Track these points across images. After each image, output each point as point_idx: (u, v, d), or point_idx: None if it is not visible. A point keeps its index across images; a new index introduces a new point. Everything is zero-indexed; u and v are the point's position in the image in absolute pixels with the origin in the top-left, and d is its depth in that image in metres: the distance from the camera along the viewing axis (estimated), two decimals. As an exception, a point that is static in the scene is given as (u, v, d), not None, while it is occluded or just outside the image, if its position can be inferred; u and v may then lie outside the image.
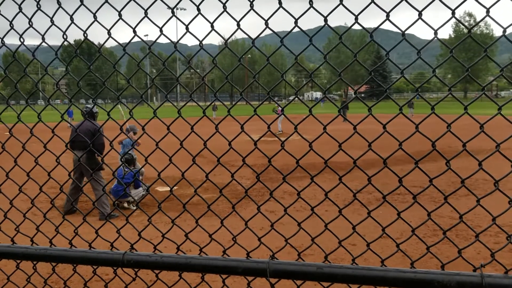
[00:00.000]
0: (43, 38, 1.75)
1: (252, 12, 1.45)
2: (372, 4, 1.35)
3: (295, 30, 1.45)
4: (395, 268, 1.43)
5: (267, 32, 1.48)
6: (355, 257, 1.60)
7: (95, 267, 1.89)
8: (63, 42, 1.67)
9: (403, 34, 1.33)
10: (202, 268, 1.59)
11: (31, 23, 1.71)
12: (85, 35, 1.68)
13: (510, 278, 1.31)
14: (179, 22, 1.57)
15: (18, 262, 1.92)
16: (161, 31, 1.58)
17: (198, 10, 1.50)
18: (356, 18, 1.36)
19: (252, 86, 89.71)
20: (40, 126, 1.85)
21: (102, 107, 1.93)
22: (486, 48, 1.28)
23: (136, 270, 1.74)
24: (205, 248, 1.74)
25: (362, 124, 1.61)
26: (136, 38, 1.64)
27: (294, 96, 1.63)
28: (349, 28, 1.52)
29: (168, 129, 1.64)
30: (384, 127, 1.42)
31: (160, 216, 6.37)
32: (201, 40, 1.57)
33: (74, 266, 1.89)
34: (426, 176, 1.50)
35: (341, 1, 1.39)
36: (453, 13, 1.29)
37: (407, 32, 1.33)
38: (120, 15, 1.59)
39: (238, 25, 1.51)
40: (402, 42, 1.39)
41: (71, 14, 1.64)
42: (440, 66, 2.05)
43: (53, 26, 1.70)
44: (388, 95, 1.46)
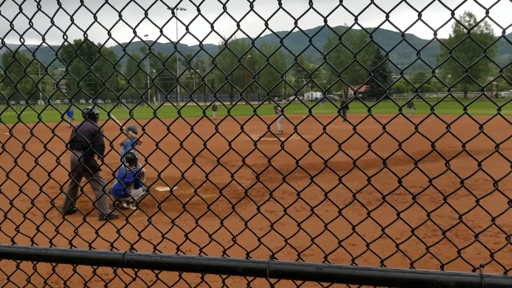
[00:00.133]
0: (43, 38, 1.75)
1: (252, 12, 1.45)
2: (372, 5, 1.36)
3: (295, 30, 1.45)
4: (394, 268, 1.43)
5: (267, 32, 1.48)
6: (355, 257, 1.60)
7: (95, 267, 1.89)
8: (63, 43, 1.67)
9: (402, 34, 1.33)
10: (202, 268, 1.60)
11: (31, 23, 1.71)
12: (85, 36, 1.68)
13: (509, 278, 1.31)
14: (179, 22, 1.58)
15: (18, 262, 1.92)
16: (161, 31, 1.58)
17: (198, 10, 1.50)
18: (356, 19, 1.36)
19: (252, 86, 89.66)
20: (40, 126, 1.85)
21: (102, 107, 1.93)
22: (485, 49, 1.28)
23: (136, 270, 1.75)
24: (205, 248, 1.74)
25: (362, 124, 1.61)
26: (136, 38, 1.64)
27: (294, 96, 1.63)
28: (349, 29, 1.53)
29: (168, 129, 1.64)
30: (384, 127, 1.42)
31: (160, 216, 6.37)
32: (201, 40, 1.57)
33: (74, 266, 1.89)
34: (426, 176, 1.50)
35: (341, 1, 1.39)
36: (452, 13, 1.29)
37: (407, 32, 1.33)
38: (120, 16, 1.59)
39: (238, 25, 1.51)
40: (402, 42, 1.39)
41: (71, 14, 1.64)
42: (440, 66, 2.05)
43: (53, 27, 1.70)
44: (388, 95, 1.46)
